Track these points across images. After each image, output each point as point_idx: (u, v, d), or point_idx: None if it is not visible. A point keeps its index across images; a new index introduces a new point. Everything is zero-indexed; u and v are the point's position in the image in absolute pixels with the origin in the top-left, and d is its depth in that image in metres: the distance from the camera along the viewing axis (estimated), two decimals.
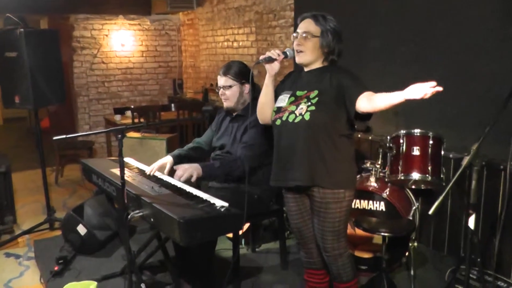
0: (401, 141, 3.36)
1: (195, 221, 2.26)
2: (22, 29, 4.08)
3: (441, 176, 3.33)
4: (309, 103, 2.46)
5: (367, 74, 3.39)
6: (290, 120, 2.49)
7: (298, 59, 2.55)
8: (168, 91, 8.27)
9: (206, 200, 2.57)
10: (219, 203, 2.51)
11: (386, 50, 4.23)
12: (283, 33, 5.58)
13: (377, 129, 4.27)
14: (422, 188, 3.54)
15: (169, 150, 4.71)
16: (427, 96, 2.02)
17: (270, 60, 2.56)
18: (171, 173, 3.10)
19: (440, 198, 2.29)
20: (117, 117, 6.55)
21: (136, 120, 6.02)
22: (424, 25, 3.91)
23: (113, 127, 6.36)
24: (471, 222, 2.45)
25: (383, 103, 2.21)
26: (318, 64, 2.57)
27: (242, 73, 3.18)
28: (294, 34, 2.55)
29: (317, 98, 2.45)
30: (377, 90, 2.41)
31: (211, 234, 2.55)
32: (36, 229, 4.50)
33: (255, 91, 3.28)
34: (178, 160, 3.26)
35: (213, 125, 3.42)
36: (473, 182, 2.43)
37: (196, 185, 2.95)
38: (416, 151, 3.32)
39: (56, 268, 3.52)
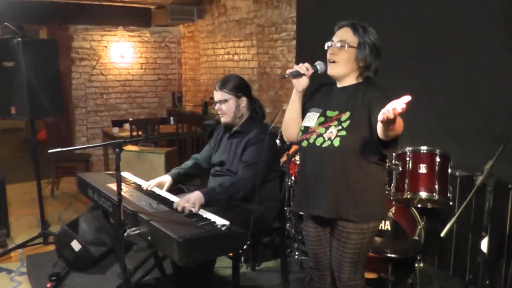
0: (407, 158, 3.29)
1: (194, 241, 2.15)
2: (19, 39, 3.99)
3: (448, 195, 3.25)
4: (340, 127, 2.24)
5: None
6: (318, 143, 2.28)
7: (330, 71, 2.32)
8: (167, 104, 8.20)
9: (206, 218, 2.47)
10: (220, 221, 2.41)
11: (389, 63, 4.14)
12: (285, 46, 5.52)
13: None
14: (428, 207, 3.45)
15: (167, 164, 4.61)
16: (391, 118, 1.79)
17: (298, 74, 2.31)
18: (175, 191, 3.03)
19: (453, 220, 2.21)
20: (115, 130, 6.45)
21: (134, 133, 5.92)
22: (428, 38, 3.85)
23: (110, 139, 6.31)
24: (484, 245, 2.34)
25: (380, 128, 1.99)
26: (351, 80, 2.34)
27: (238, 86, 3.09)
28: (329, 43, 2.32)
29: (348, 122, 2.22)
30: None
31: (211, 254, 2.45)
32: (29, 243, 4.36)
33: (253, 105, 3.20)
34: (177, 180, 3.16)
35: (212, 141, 3.33)
36: (487, 203, 2.33)
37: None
38: (422, 169, 3.24)
39: (48, 285, 3.41)
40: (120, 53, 7.62)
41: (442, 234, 2.19)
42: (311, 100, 2.46)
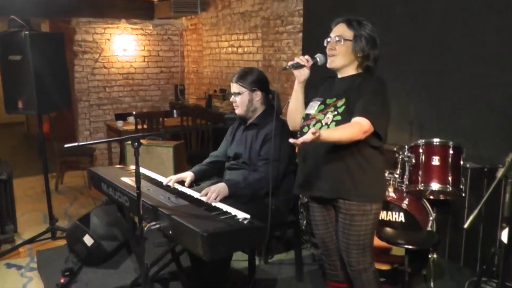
0: (421, 150, 3.29)
1: (219, 234, 2.15)
2: (27, 32, 3.95)
3: (461, 186, 3.26)
4: (336, 112, 2.36)
5: None
6: None
7: (330, 64, 2.47)
8: (170, 97, 8.16)
9: (226, 212, 2.46)
10: (240, 215, 2.40)
11: (399, 59, 4.13)
12: (291, 39, 5.49)
13: (390, 138, 4.18)
14: (441, 198, 3.46)
15: (176, 158, 4.59)
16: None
17: (299, 66, 2.46)
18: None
19: (476, 211, 2.20)
20: (119, 123, 6.40)
21: (139, 127, 5.89)
22: (439, 34, 3.84)
23: (114, 133, 6.31)
24: (504, 236, 2.34)
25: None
26: (352, 71, 2.48)
27: (255, 80, 3.09)
28: (328, 39, 2.47)
29: (343, 107, 2.35)
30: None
31: (234, 248, 2.45)
32: (38, 238, 4.34)
33: (270, 99, 3.19)
34: (200, 176, 3.14)
35: (228, 135, 3.33)
36: (507, 195, 2.32)
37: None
38: (436, 161, 3.25)
39: (62, 281, 3.38)
40: (122, 46, 7.56)
41: (466, 226, 2.18)
42: (315, 91, 2.59)
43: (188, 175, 3.07)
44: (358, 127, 2.23)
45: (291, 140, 2.06)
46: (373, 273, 2.55)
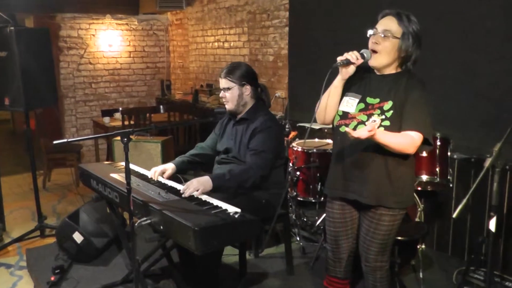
0: None
1: (211, 229, 2.16)
2: (12, 27, 3.90)
3: (448, 177, 3.30)
4: (383, 117, 2.23)
5: None
6: None
7: (372, 61, 2.30)
8: (156, 92, 8.12)
9: (217, 206, 2.47)
10: (231, 209, 2.41)
11: None
12: (277, 33, 5.50)
13: None
14: (429, 189, 3.50)
15: (164, 153, 4.58)
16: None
17: (349, 63, 2.27)
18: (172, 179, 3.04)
19: (464, 201, 2.24)
20: (106, 120, 6.37)
21: (126, 123, 5.87)
22: (425, 24, 3.84)
23: (101, 129, 6.28)
24: (492, 225, 2.38)
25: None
26: (392, 69, 2.33)
27: (243, 75, 3.09)
28: (371, 31, 2.30)
29: (392, 112, 2.22)
30: None
31: (226, 242, 2.46)
32: (27, 236, 4.31)
33: (259, 93, 3.20)
34: (181, 168, 3.14)
35: (217, 128, 3.32)
36: (495, 184, 2.37)
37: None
38: (423, 153, 3.27)
39: (52, 278, 3.36)
40: (108, 41, 7.51)
41: (454, 215, 2.23)
42: (346, 85, 2.40)
43: (169, 167, 3.07)
44: (412, 141, 2.17)
45: (348, 130, 2.02)
46: (386, 271, 2.52)
